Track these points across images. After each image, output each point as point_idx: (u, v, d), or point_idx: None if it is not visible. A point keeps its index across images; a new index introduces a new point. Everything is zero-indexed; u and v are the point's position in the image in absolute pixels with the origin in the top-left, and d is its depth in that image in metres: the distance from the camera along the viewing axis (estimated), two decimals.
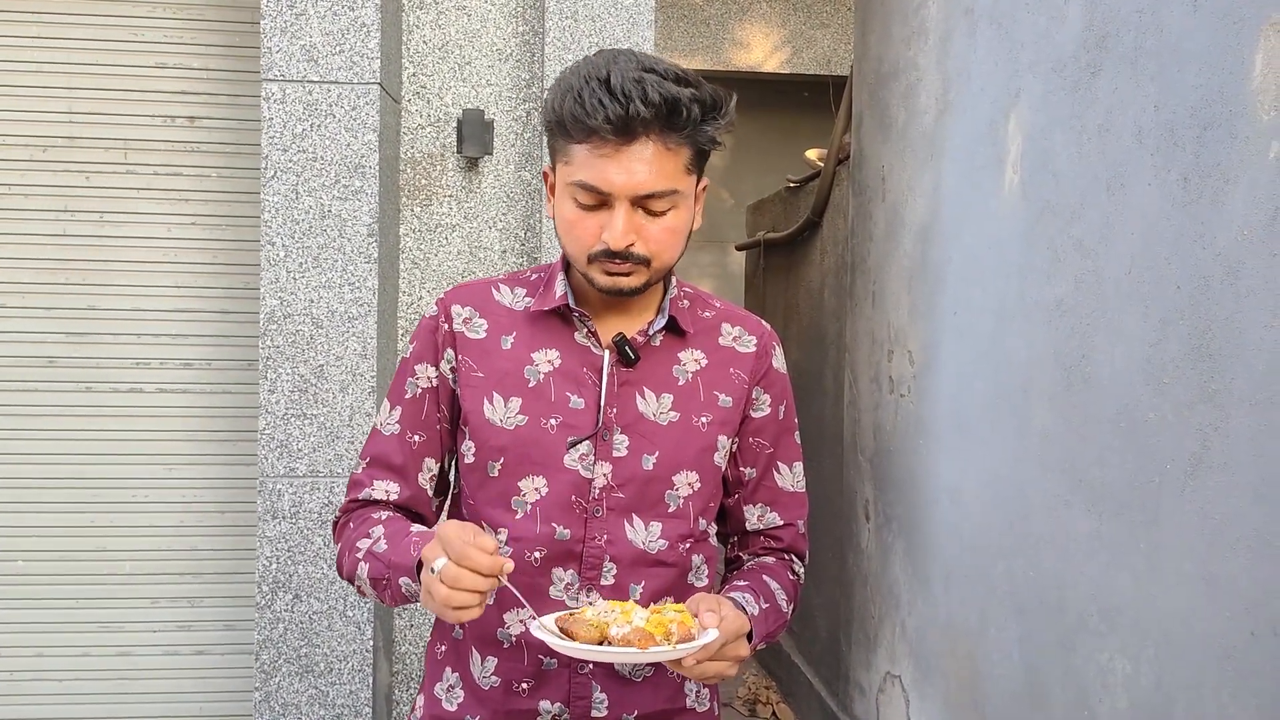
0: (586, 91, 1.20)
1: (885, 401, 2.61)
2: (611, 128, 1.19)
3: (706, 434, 1.36)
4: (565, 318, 1.36)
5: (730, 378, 1.39)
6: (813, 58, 6.58)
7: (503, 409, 1.33)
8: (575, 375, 1.34)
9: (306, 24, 2.54)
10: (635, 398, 1.34)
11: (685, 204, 1.28)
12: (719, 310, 1.45)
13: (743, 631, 1.21)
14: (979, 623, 1.98)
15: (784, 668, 3.97)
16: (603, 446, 1.32)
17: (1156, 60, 1.44)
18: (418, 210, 2.83)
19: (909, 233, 2.42)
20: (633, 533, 1.33)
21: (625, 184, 1.22)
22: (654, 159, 1.22)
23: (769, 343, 1.44)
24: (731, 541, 1.51)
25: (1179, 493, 1.36)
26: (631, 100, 1.18)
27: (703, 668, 1.16)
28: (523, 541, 1.32)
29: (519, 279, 1.43)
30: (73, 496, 2.84)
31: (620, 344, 1.32)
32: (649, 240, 1.26)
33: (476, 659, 1.36)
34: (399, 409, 1.40)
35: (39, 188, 2.80)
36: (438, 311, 1.39)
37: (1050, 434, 1.70)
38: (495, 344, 1.36)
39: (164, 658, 2.88)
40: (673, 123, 1.21)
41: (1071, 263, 1.64)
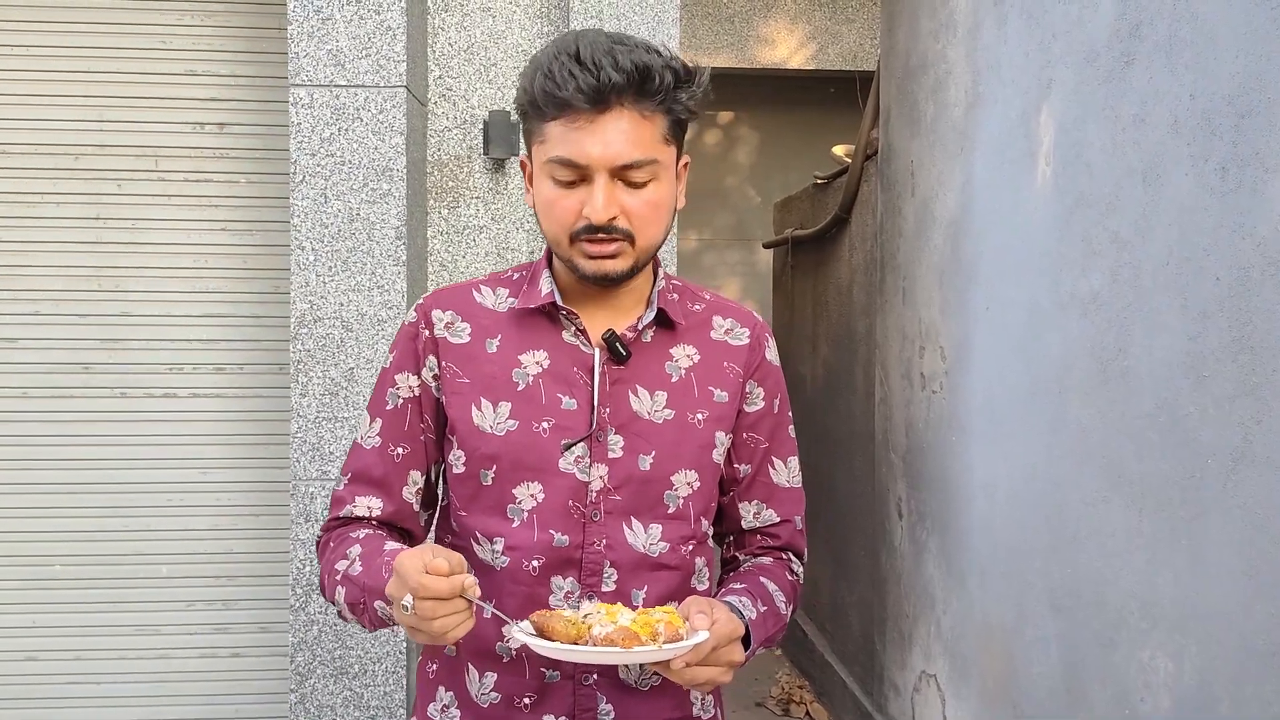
0: (556, 65, 1.18)
1: (917, 398, 2.59)
2: (584, 97, 1.16)
3: (703, 431, 1.32)
4: (551, 316, 1.32)
5: (725, 372, 1.35)
6: (838, 53, 6.54)
7: (492, 415, 1.28)
8: (565, 375, 1.29)
9: (333, 29, 2.55)
10: (629, 396, 1.30)
11: (666, 176, 1.24)
12: (709, 302, 1.40)
13: (736, 635, 1.16)
14: (1016, 620, 1.96)
15: (817, 667, 3.94)
16: (598, 448, 1.28)
17: (1192, 48, 1.41)
18: (445, 212, 2.83)
19: (939, 227, 2.40)
20: (632, 536, 1.29)
21: (603, 155, 1.18)
22: (630, 128, 1.19)
23: (762, 334, 1.40)
24: (727, 541, 1.46)
25: (1221, 487, 1.34)
26: (602, 68, 1.16)
27: (692, 672, 1.10)
28: (520, 550, 1.27)
29: (500, 279, 1.38)
30: (108, 501, 2.87)
31: (610, 341, 1.28)
32: (632, 215, 1.22)
33: (474, 675, 1.31)
34: (379, 421, 1.34)
35: (72, 195, 2.83)
36: (417, 318, 1.34)
37: (1087, 429, 1.68)
38: (480, 348, 1.31)
39: (200, 660, 2.91)
40: (646, 89, 1.19)
41: (1107, 255, 1.62)
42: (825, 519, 3.82)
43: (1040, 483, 1.87)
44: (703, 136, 7.57)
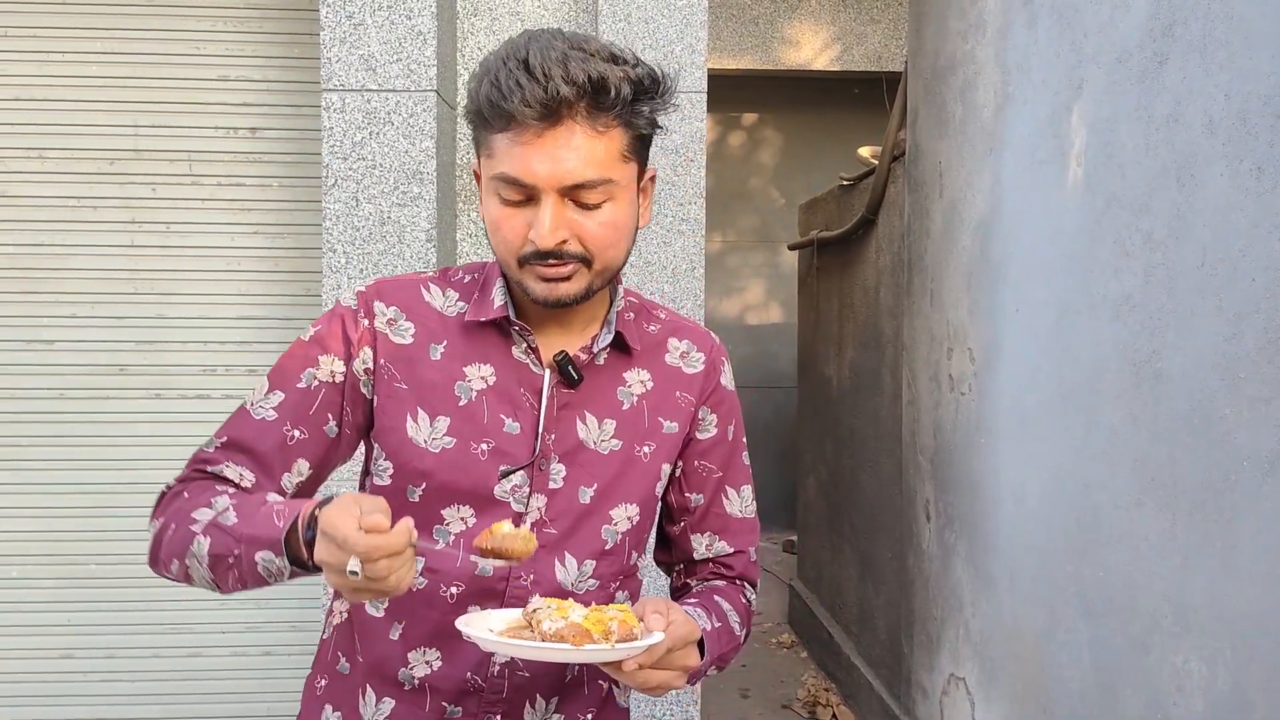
0: (504, 74, 1.06)
1: (945, 400, 2.58)
2: (531, 111, 1.05)
3: (649, 464, 1.24)
4: (502, 329, 1.22)
5: (676, 402, 1.27)
6: (863, 54, 6.53)
7: (428, 429, 1.18)
8: (511, 396, 1.20)
9: (365, 34, 2.58)
10: (576, 423, 1.21)
11: (624, 195, 1.13)
12: (665, 323, 1.32)
13: (692, 638, 1.09)
14: (1047, 624, 1.95)
15: (844, 670, 3.94)
16: (539, 477, 1.19)
17: (1226, 48, 1.41)
18: (474, 215, 2.85)
19: (968, 228, 2.39)
20: (563, 573, 1.21)
21: (550, 173, 1.07)
22: (582, 145, 1.07)
23: (717, 359, 1.32)
24: (677, 569, 1.39)
25: (1256, 490, 1.33)
26: (552, 79, 1.04)
27: (645, 674, 1.03)
28: (439, 575, 1.18)
29: (450, 280, 1.27)
30: (143, 501, 2.88)
31: (562, 363, 1.19)
32: (585, 238, 1.11)
33: (370, 698, 1.21)
34: (281, 394, 1.20)
35: (107, 200, 2.87)
36: (357, 305, 1.22)
37: (1119, 432, 1.67)
38: (422, 352, 1.21)
39: (232, 658, 2.94)
40: (600, 102, 1.07)
41: (1140, 256, 1.61)
42: (852, 521, 3.81)
43: (1071, 485, 1.86)
44: (727, 138, 7.57)
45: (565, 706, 1.25)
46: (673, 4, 2.68)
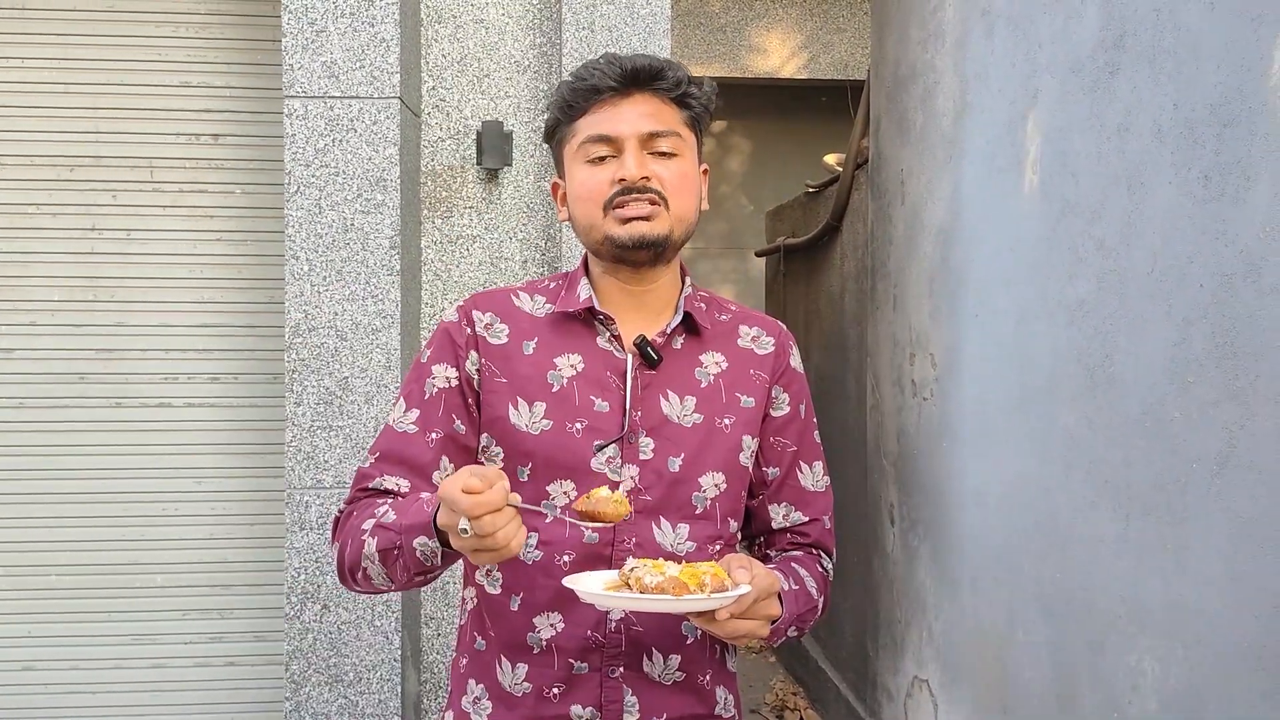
0: (583, 69, 1.34)
1: (908, 405, 2.61)
2: (612, 80, 1.31)
3: (730, 435, 1.38)
4: (587, 322, 1.38)
5: (751, 379, 1.41)
6: (830, 63, 6.58)
7: (528, 414, 1.34)
8: (599, 379, 1.35)
9: (327, 41, 2.57)
10: (659, 400, 1.35)
11: (689, 156, 1.36)
12: (735, 313, 1.47)
13: (774, 589, 1.22)
14: (1007, 625, 1.97)
15: (811, 673, 3.96)
16: (629, 449, 1.33)
17: (1174, 58, 1.44)
18: (439, 222, 2.85)
19: (929, 235, 2.42)
20: (660, 535, 1.33)
21: (632, 124, 1.31)
22: (654, 108, 1.33)
23: (785, 342, 1.47)
24: (757, 542, 1.51)
25: (1205, 492, 1.35)
26: (622, 59, 1.32)
27: (735, 624, 1.17)
28: (552, 545, 1.33)
29: (538, 287, 1.45)
30: (104, 511, 2.87)
31: (642, 346, 1.34)
32: (663, 180, 1.32)
33: (505, 667, 1.36)
34: (416, 410, 1.37)
35: (67, 206, 2.84)
36: (459, 317, 1.40)
37: (1075, 435, 1.70)
38: (517, 349, 1.37)
39: (195, 669, 2.91)
40: (663, 77, 1.33)
41: (1093, 262, 1.64)
42: None
43: (1030, 488, 1.89)
44: None
45: (686, 665, 1.37)
46: (636, 13, 2.69)
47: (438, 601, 2.85)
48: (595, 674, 1.33)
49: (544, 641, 1.34)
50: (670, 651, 1.35)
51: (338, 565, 1.33)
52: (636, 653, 1.34)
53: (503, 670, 1.36)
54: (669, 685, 1.36)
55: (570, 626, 1.33)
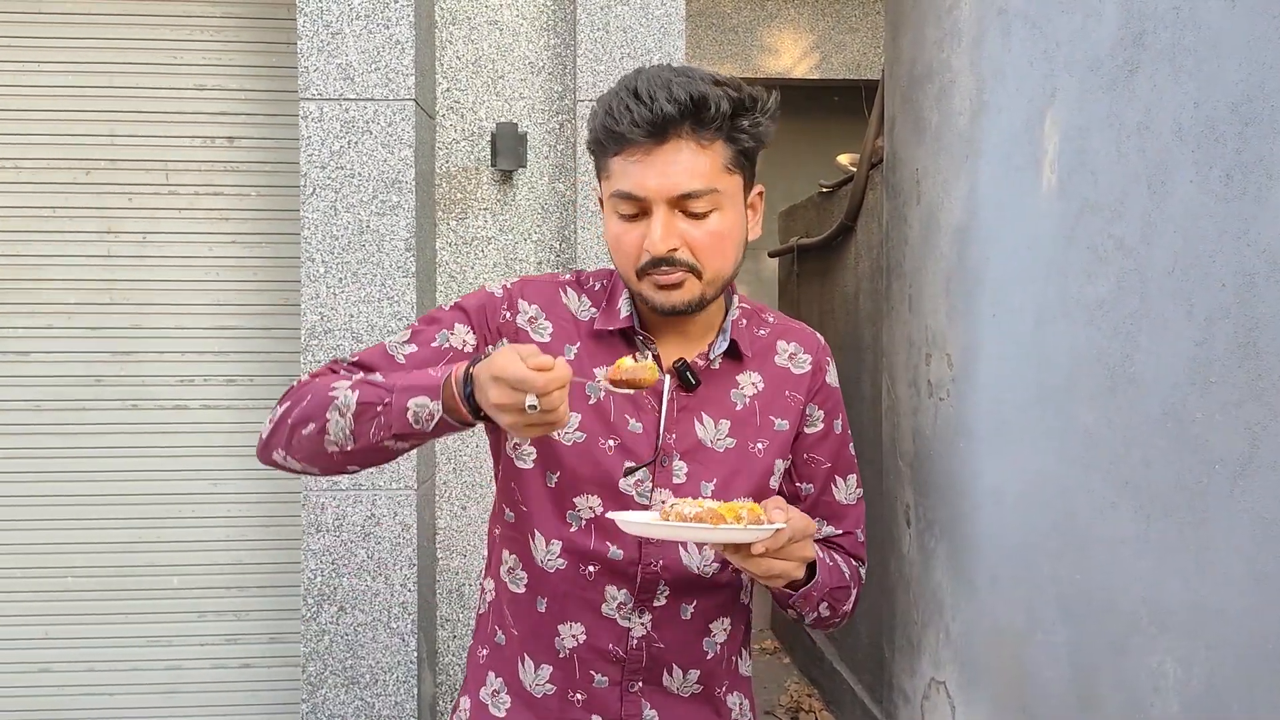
0: (615, 102, 1.20)
1: (924, 405, 2.60)
2: (640, 130, 1.18)
3: (763, 459, 1.36)
4: (627, 337, 1.34)
5: (786, 401, 1.38)
6: (842, 62, 6.57)
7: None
8: (635, 398, 1.32)
9: (342, 43, 2.58)
10: (694, 424, 1.32)
11: (729, 205, 1.25)
12: (773, 326, 1.43)
13: (809, 532, 1.20)
14: (1026, 627, 1.96)
15: (826, 675, 3.95)
16: (662, 473, 1.30)
17: (1195, 56, 1.43)
18: (453, 224, 2.85)
19: (945, 235, 2.41)
20: (686, 557, 1.32)
21: (660, 186, 1.20)
22: (687, 159, 1.19)
23: (822, 359, 1.45)
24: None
25: (1228, 493, 1.35)
26: (656, 100, 1.17)
27: (769, 563, 1.15)
28: (578, 554, 1.31)
29: (585, 286, 1.39)
30: (120, 513, 2.88)
31: (681, 370, 1.30)
32: (694, 246, 1.22)
33: (528, 666, 1.34)
34: (414, 347, 1.31)
35: (83, 210, 2.86)
36: (502, 296, 1.35)
37: (1094, 435, 1.69)
38: (558, 351, 1.32)
39: (211, 671, 2.92)
40: (702, 119, 1.19)
41: (1113, 262, 1.63)
42: None
43: (1049, 489, 1.88)
44: None
45: (704, 679, 1.36)
46: (650, 14, 2.69)
47: (453, 604, 2.85)
48: (615, 687, 1.32)
49: (567, 649, 1.32)
50: (690, 667, 1.35)
51: (271, 428, 1.25)
52: (656, 668, 1.33)
53: (524, 669, 1.35)
54: (686, 697, 1.36)
55: (592, 639, 1.32)
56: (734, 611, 1.37)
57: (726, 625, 1.37)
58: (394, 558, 2.60)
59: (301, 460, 1.24)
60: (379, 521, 2.61)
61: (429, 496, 2.77)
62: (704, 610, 1.34)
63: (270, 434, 1.26)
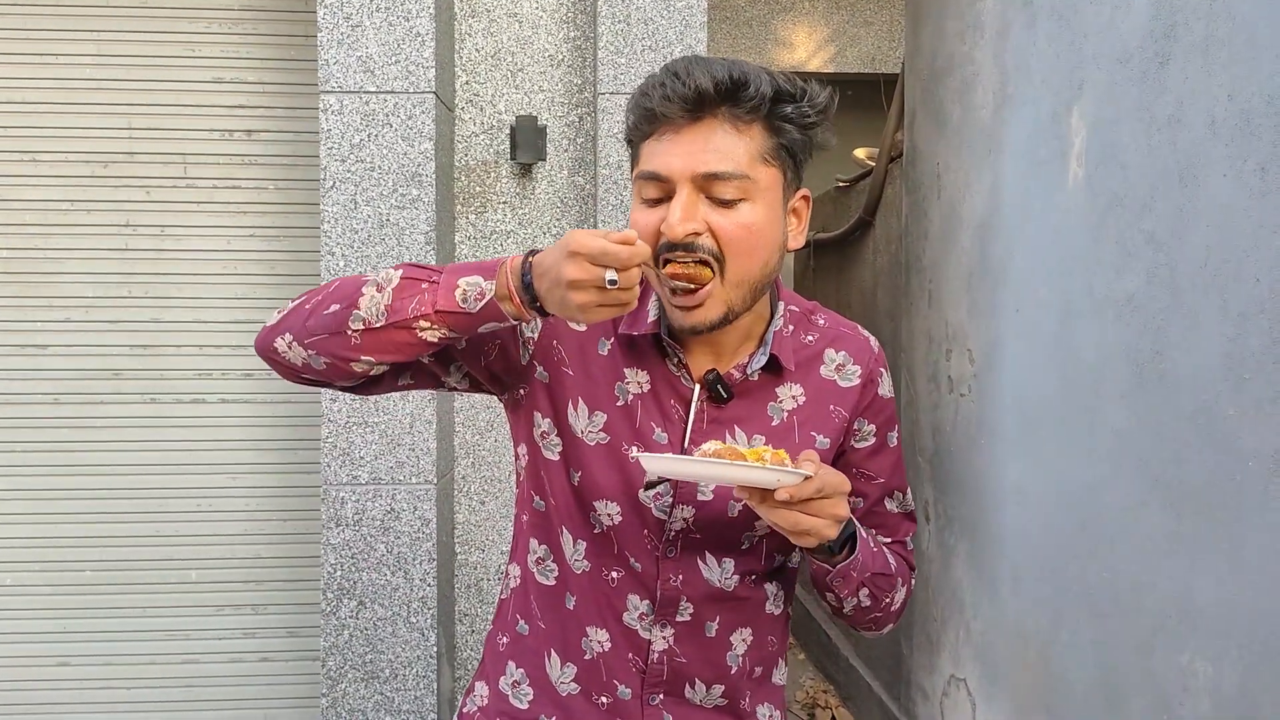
0: (652, 81, 1.12)
1: (945, 401, 2.58)
2: (673, 106, 1.09)
3: None
4: (658, 343, 1.24)
5: (829, 416, 1.27)
6: (857, 56, 6.54)
7: (586, 420, 1.24)
8: (662, 406, 1.23)
9: (362, 36, 2.57)
10: (724, 438, 1.23)
11: (763, 200, 1.13)
12: (823, 331, 1.31)
13: (843, 489, 1.09)
14: (1051, 625, 1.95)
15: (843, 671, 3.94)
16: (685, 489, 1.22)
17: (1228, 48, 1.41)
18: (473, 217, 2.85)
19: (967, 229, 2.39)
20: (707, 571, 1.26)
21: (685, 164, 1.10)
22: (721, 139, 1.10)
23: (875, 370, 1.31)
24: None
25: (1262, 491, 1.33)
26: (693, 75, 1.08)
27: (796, 516, 1.06)
28: (602, 559, 1.25)
29: None
30: (139, 507, 2.89)
31: (712, 382, 1.21)
32: (719, 234, 1.11)
33: (555, 662, 1.30)
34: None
35: (101, 203, 2.86)
36: None
37: (1123, 433, 1.67)
38: (592, 345, 1.25)
39: (230, 665, 2.92)
40: (740, 97, 1.09)
41: (1143, 256, 1.61)
42: None
43: (1075, 486, 1.86)
44: None
45: (728, 693, 1.31)
46: (672, 5, 2.67)
47: (472, 599, 2.85)
48: (637, 699, 1.28)
49: (594, 652, 1.28)
50: (714, 681, 1.30)
51: (285, 313, 1.19)
52: (678, 681, 1.29)
53: (551, 665, 1.31)
54: (709, 709, 1.31)
55: (616, 648, 1.27)
56: (758, 622, 1.31)
57: (747, 636, 1.30)
58: (413, 552, 2.59)
59: (309, 346, 1.15)
60: (398, 516, 2.60)
61: (448, 491, 2.77)
62: (727, 624, 1.28)
63: (280, 320, 1.19)
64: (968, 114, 2.38)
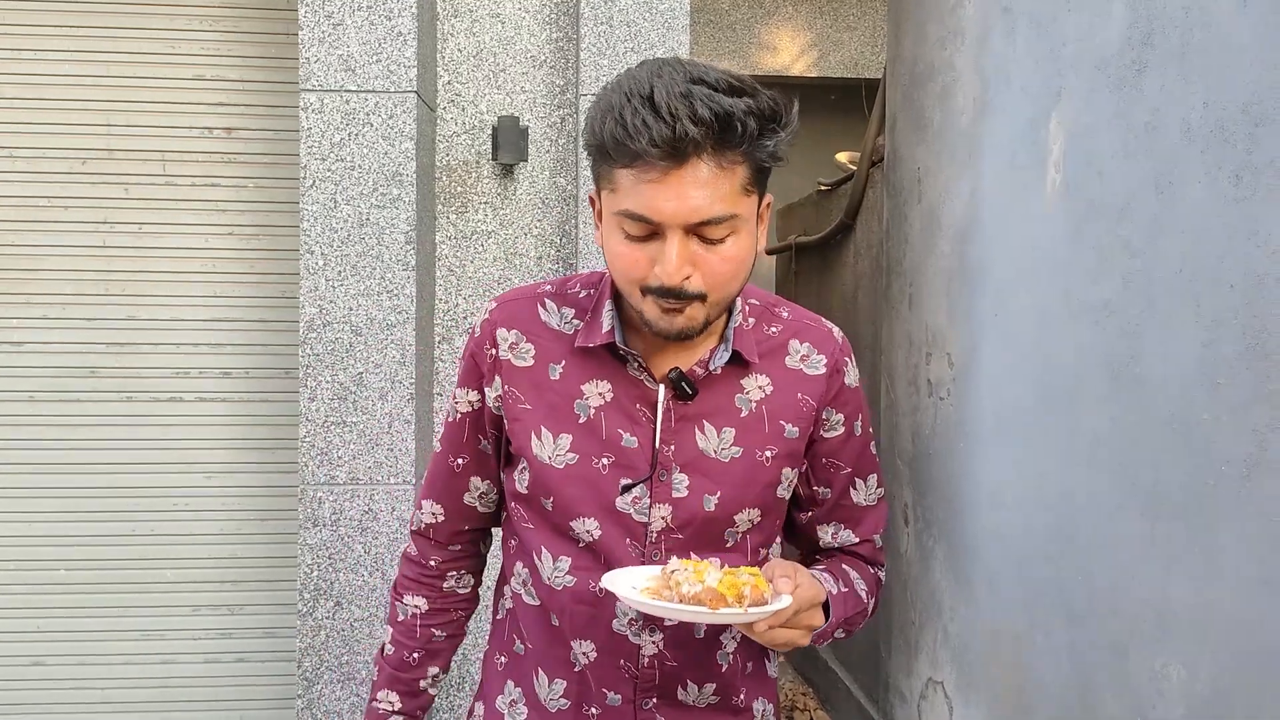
0: (629, 111, 1.06)
1: (924, 405, 2.59)
2: (659, 151, 1.05)
3: (770, 469, 1.28)
4: (615, 351, 1.26)
5: (797, 404, 1.30)
6: (840, 61, 6.56)
7: (551, 446, 1.25)
8: (628, 411, 1.24)
9: (344, 34, 2.56)
10: (694, 433, 1.24)
11: (745, 228, 1.14)
12: (787, 323, 1.33)
13: (818, 601, 1.16)
14: (1026, 627, 1.96)
15: (821, 674, 3.95)
16: (660, 488, 1.24)
17: (1205, 56, 1.42)
18: (454, 217, 2.84)
19: (946, 234, 2.41)
20: None
21: (677, 211, 1.08)
22: (708, 182, 1.08)
23: (840, 360, 1.35)
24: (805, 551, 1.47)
25: (1236, 495, 1.34)
26: (679, 119, 1.04)
27: (774, 634, 1.11)
28: (585, 571, 1.26)
29: (568, 295, 1.31)
30: (115, 505, 2.87)
31: (676, 380, 1.22)
32: (707, 272, 1.13)
33: (542, 680, 1.32)
34: (446, 433, 1.39)
35: (79, 200, 2.83)
36: (482, 335, 1.30)
37: (1100, 437, 1.68)
38: (543, 373, 1.27)
39: (206, 665, 2.90)
40: (727, 140, 1.07)
41: (1119, 263, 1.62)
42: None
43: (1051, 490, 1.87)
44: None
45: (721, 690, 1.33)
46: (654, 8, 2.67)
47: None
48: (629, 705, 1.29)
49: (580, 665, 1.29)
50: (706, 681, 1.31)
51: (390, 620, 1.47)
52: (670, 685, 1.30)
53: (539, 683, 1.32)
54: (704, 708, 1.32)
55: (603, 656, 1.28)
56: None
57: (736, 634, 1.32)
58: (391, 553, 2.58)
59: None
60: (376, 516, 2.59)
61: None
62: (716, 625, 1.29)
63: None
64: (948, 119, 2.39)
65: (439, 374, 2.73)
